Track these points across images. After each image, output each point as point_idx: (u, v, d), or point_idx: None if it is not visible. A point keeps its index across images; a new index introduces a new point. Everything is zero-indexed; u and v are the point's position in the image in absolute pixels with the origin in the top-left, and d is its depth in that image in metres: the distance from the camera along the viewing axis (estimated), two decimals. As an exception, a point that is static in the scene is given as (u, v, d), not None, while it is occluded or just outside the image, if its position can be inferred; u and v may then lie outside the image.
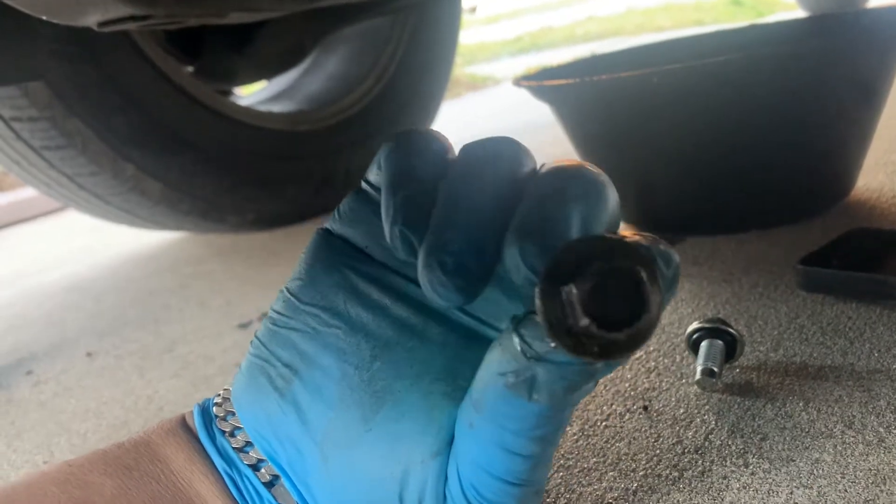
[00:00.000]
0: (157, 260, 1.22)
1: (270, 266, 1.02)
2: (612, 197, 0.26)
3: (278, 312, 0.31)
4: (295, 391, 0.29)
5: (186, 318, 0.86)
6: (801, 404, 0.43)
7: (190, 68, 1.22)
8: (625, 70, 0.69)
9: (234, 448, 0.31)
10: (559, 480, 0.41)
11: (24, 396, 0.72)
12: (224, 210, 1.14)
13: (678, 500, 0.37)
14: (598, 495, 0.39)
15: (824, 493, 0.36)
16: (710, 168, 0.72)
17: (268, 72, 1.33)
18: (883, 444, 0.39)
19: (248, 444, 0.31)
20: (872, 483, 0.36)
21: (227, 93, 1.39)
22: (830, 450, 0.39)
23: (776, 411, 0.43)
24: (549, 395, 0.24)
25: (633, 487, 0.39)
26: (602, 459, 0.42)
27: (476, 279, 0.24)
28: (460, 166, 0.26)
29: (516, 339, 0.24)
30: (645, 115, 0.71)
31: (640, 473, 0.40)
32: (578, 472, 0.41)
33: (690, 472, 0.39)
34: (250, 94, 1.45)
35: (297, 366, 0.30)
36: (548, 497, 0.40)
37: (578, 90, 0.73)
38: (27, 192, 2.05)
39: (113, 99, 0.97)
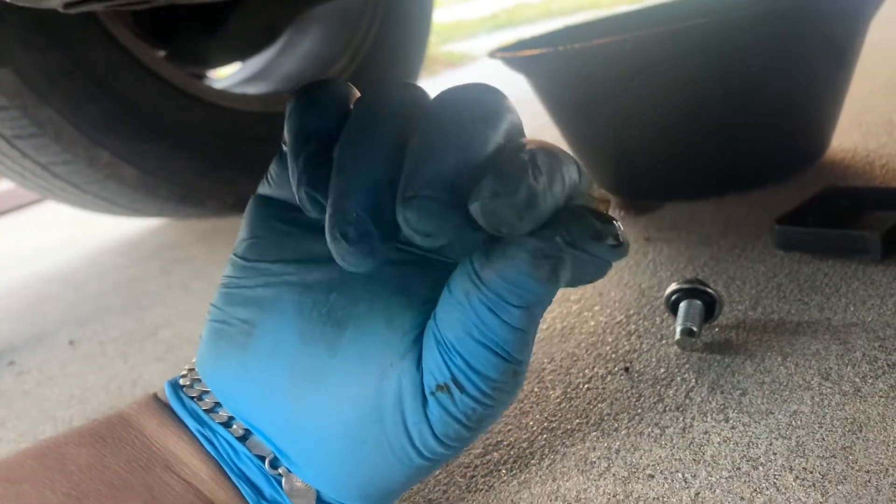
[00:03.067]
0: (137, 247, 1.22)
1: (251, 248, 1.02)
2: (501, 125, 0.26)
3: (229, 276, 0.31)
4: (256, 343, 0.29)
5: (169, 303, 0.86)
6: (779, 359, 0.44)
7: (162, 52, 1.20)
8: (599, 39, 0.69)
9: (203, 410, 0.31)
10: (543, 442, 0.41)
11: (7, 387, 0.71)
12: (203, 194, 1.13)
13: (660, 456, 0.38)
14: (581, 455, 0.39)
15: (802, 442, 0.36)
16: (686, 133, 0.72)
17: (241, 53, 1.32)
18: (859, 394, 0.39)
19: (218, 404, 0.31)
20: (849, 431, 0.37)
21: (202, 76, 1.38)
22: (808, 401, 0.40)
23: (755, 367, 0.44)
24: (570, 278, 0.25)
25: (616, 446, 0.39)
26: (585, 420, 0.42)
27: (381, 241, 0.24)
28: (353, 122, 0.27)
29: (559, 231, 0.25)
30: (619, 82, 0.71)
31: (623, 432, 0.41)
32: (562, 433, 0.42)
33: (672, 428, 0.40)
34: (225, 76, 1.44)
35: (254, 319, 0.30)
36: (532, 458, 0.40)
37: (552, 59, 0.72)
38: (2, 186, 2.03)
39: (84, 85, 0.96)
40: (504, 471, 0.39)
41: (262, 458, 0.30)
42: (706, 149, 0.73)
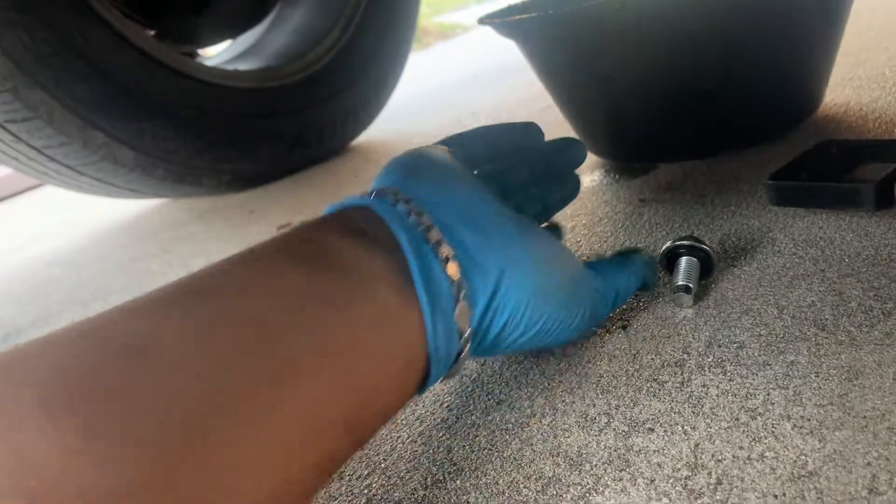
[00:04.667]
0: (137, 228, 1.22)
1: (250, 224, 1.02)
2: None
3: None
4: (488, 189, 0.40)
5: (170, 280, 0.86)
6: (775, 312, 0.44)
7: (152, 32, 1.20)
8: (589, 1, 0.68)
9: (421, 229, 0.36)
10: (543, 401, 0.42)
11: (13, 368, 0.72)
12: (199, 173, 1.13)
13: (660, 410, 0.38)
14: (581, 412, 0.40)
15: (800, 391, 0.37)
16: (678, 93, 0.72)
17: (231, 30, 1.32)
18: (854, 343, 0.40)
19: (431, 226, 0.36)
20: (845, 379, 0.37)
21: (193, 54, 1.37)
22: (805, 352, 0.40)
23: (752, 321, 0.44)
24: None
25: (615, 402, 0.40)
26: (584, 379, 0.43)
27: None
28: None
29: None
30: (610, 44, 0.70)
31: (622, 389, 0.41)
32: (561, 391, 0.42)
33: (670, 383, 0.40)
34: (216, 54, 1.44)
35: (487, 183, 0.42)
36: (533, 417, 0.41)
37: (542, 23, 0.72)
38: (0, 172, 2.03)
39: (75, 67, 0.96)
40: (506, 430, 0.40)
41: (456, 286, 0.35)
42: (698, 109, 0.72)
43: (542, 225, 0.53)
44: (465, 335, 0.36)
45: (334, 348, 0.30)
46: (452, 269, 0.35)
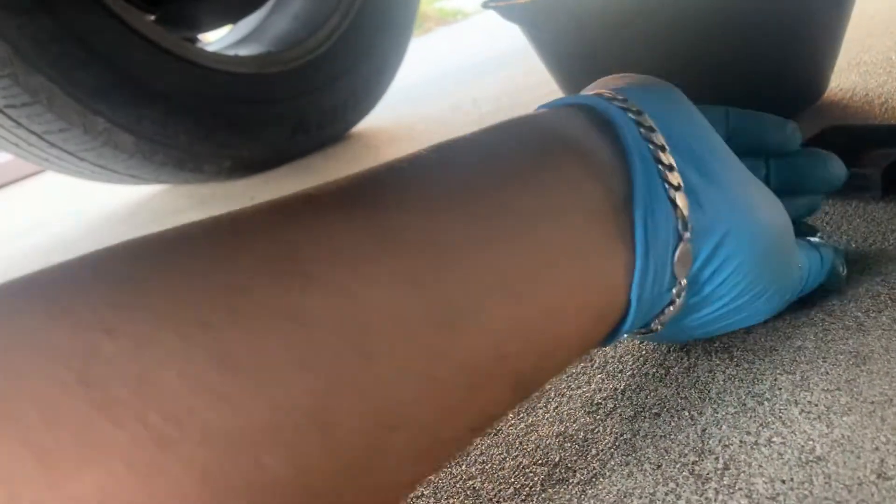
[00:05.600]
0: (138, 215, 1.22)
1: (251, 211, 1.01)
2: None
3: None
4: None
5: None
6: (781, 297, 0.44)
7: (152, 17, 1.19)
8: (592, -16, 0.68)
9: (651, 144, 0.31)
10: (549, 386, 0.41)
11: (15, 354, 0.72)
12: (200, 159, 1.13)
13: (666, 395, 0.38)
14: (587, 397, 0.40)
15: (807, 376, 0.37)
16: (684, 77, 0.71)
17: (232, 15, 1.31)
18: (862, 328, 0.39)
19: (663, 146, 0.31)
20: (853, 364, 0.37)
21: (193, 39, 1.37)
22: (812, 337, 0.40)
23: (758, 306, 0.44)
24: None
25: (622, 387, 0.40)
26: (589, 364, 0.43)
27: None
28: None
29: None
30: (616, 27, 0.70)
31: (628, 374, 0.41)
32: (567, 377, 0.42)
33: (677, 368, 0.40)
34: (217, 39, 1.43)
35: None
36: (538, 402, 0.40)
37: (549, 6, 0.72)
38: (1, 158, 2.02)
39: (75, 52, 0.95)
40: (511, 415, 0.40)
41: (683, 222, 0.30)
42: (705, 93, 0.72)
43: None
44: (681, 284, 0.31)
45: (515, 286, 0.26)
46: (682, 200, 0.30)
